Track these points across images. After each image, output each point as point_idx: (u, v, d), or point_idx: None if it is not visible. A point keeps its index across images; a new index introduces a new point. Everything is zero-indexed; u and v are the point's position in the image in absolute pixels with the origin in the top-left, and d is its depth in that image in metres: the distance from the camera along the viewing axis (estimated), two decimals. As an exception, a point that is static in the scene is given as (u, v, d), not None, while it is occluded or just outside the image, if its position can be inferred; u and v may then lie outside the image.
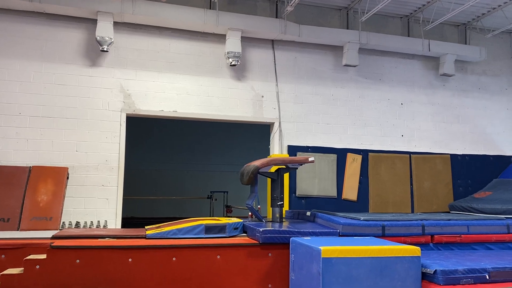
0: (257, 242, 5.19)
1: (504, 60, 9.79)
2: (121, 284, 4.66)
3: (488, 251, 5.78)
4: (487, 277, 4.44)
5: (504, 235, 6.00)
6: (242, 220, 5.93)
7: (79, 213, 7.11)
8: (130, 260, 4.81)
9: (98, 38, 7.17)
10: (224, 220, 5.77)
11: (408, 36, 9.08)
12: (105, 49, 7.23)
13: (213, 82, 8.03)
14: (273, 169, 6.59)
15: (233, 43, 7.80)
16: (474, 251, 5.75)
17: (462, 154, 9.04)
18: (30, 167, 6.88)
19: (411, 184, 8.54)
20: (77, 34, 7.48)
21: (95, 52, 7.47)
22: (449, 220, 6.01)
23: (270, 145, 8.40)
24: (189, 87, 7.91)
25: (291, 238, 5.03)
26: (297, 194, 7.93)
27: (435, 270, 4.37)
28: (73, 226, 6.93)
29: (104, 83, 7.51)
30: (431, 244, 5.75)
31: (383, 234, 5.52)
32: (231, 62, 7.83)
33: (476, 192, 8.51)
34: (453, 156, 8.94)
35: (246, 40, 8.14)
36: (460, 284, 4.33)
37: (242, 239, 5.42)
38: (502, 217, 6.49)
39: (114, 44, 7.45)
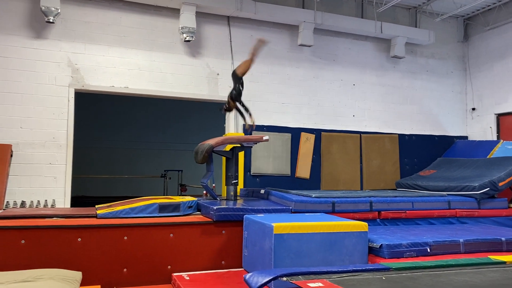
0: (211, 220, 5.21)
1: (451, 44, 10.19)
2: (69, 264, 4.54)
3: (430, 226, 6.12)
4: (428, 250, 4.72)
5: (445, 211, 6.38)
6: (196, 199, 5.92)
7: (25, 192, 6.81)
8: (79, 240, 4.69)
9: (43, 8, 6.75)
10: (178, 199, 5.74)
11: (362, 17, 9.22)
12: (51, 20, 6.84)
13: (166, 58, 7.83)
14: (228, 147, 6.59)
15: (188, 18, 7.61)
16: (418, 226, 6.07)
17: (410, 134, 9.41)
18: (-30, 144, 6.49)
19: (361, 163, 8.81)
20: (19, 3, 7.01)
21: (40, 23, 7.05)
22: (395, 197, 6.30)
23: (226, 123, 8.36)
24: (141, 62, 7.67)
25: (244, 216, 5.09)
26: (251, 172, 7.99)
27: (381, 244, 4.59)
28: (18, 205, 6.64)
29: (50, 56, 7.13)
30: (378, 219, 6.02)
31: (333, 211, 5.71)
32: (185, 38, 7.65)
33: (421, 170, 8.93)
34: (401, 136, 9.28)
35: (201, 16, 7.96)
36: (403, 257, 4.57)
37: (196, 217, 5.42)
38: (444, 194, 6.87)
39: (61, 16, 7.06)
